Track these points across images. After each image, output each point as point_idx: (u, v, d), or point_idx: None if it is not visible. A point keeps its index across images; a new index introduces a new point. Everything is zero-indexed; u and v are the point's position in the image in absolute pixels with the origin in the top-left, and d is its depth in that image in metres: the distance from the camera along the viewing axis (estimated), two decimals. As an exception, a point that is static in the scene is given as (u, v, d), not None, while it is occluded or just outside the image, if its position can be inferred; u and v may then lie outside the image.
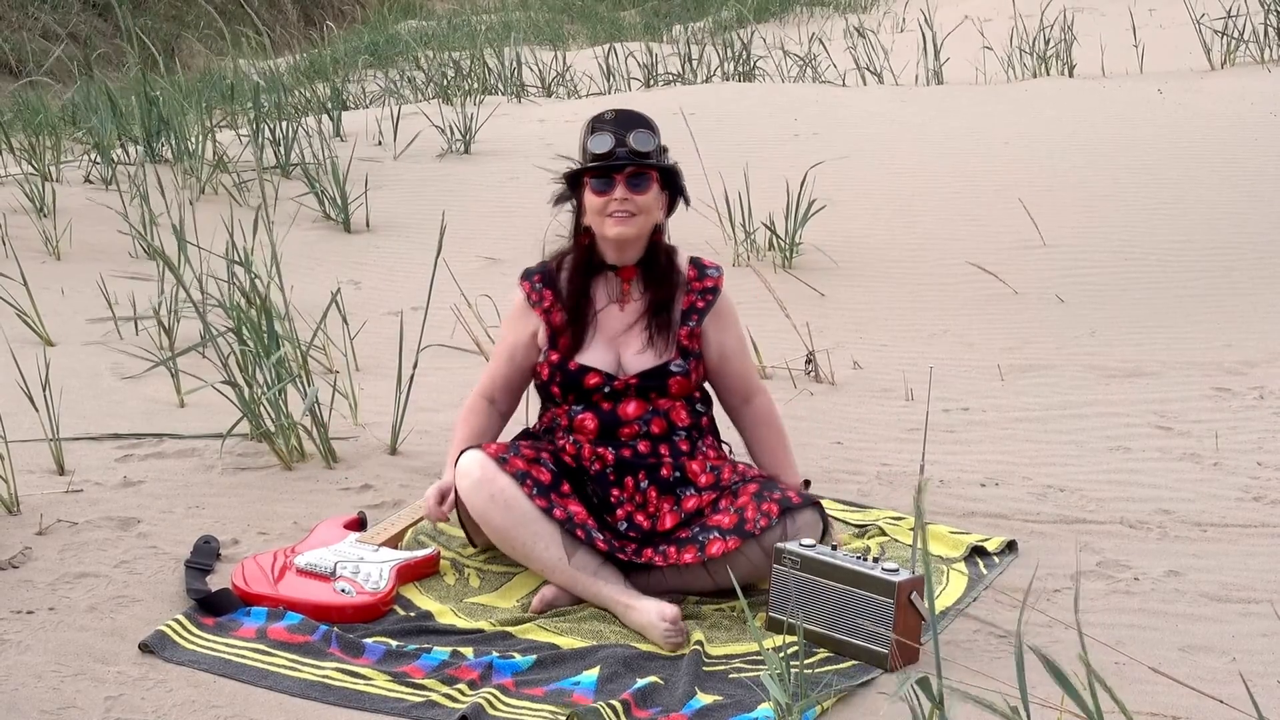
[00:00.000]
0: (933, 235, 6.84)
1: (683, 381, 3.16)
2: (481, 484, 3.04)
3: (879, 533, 3.43)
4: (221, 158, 7.64)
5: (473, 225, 7.24)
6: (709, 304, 3.24)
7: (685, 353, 3.18)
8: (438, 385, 4.62)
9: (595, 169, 3.13)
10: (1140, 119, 8.71)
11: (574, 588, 3.02)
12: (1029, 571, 3.25)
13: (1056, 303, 5.88)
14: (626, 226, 3.12)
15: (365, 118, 9.50)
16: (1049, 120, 8.83)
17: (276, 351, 3.99)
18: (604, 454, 3.13)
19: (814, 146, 8.38)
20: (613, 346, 3.18)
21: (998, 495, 3.75)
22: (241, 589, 3.04)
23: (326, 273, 6.35)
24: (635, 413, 3.14)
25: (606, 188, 3.13)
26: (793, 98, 9.88)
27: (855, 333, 5.54)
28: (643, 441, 3.14)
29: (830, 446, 4.16)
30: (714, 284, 3.25)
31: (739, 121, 9.13)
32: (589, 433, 3.14)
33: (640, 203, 3.13)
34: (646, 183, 3.14)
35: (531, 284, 3.27)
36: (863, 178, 7.79)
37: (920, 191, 7.52)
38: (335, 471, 3.84)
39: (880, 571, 2.80)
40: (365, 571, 3.09)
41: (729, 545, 2.95)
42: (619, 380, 3.15)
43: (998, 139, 8.43)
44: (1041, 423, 4.37)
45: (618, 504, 3.11)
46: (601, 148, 3.12)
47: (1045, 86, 10.02)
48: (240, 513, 3.54)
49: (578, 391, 3.16)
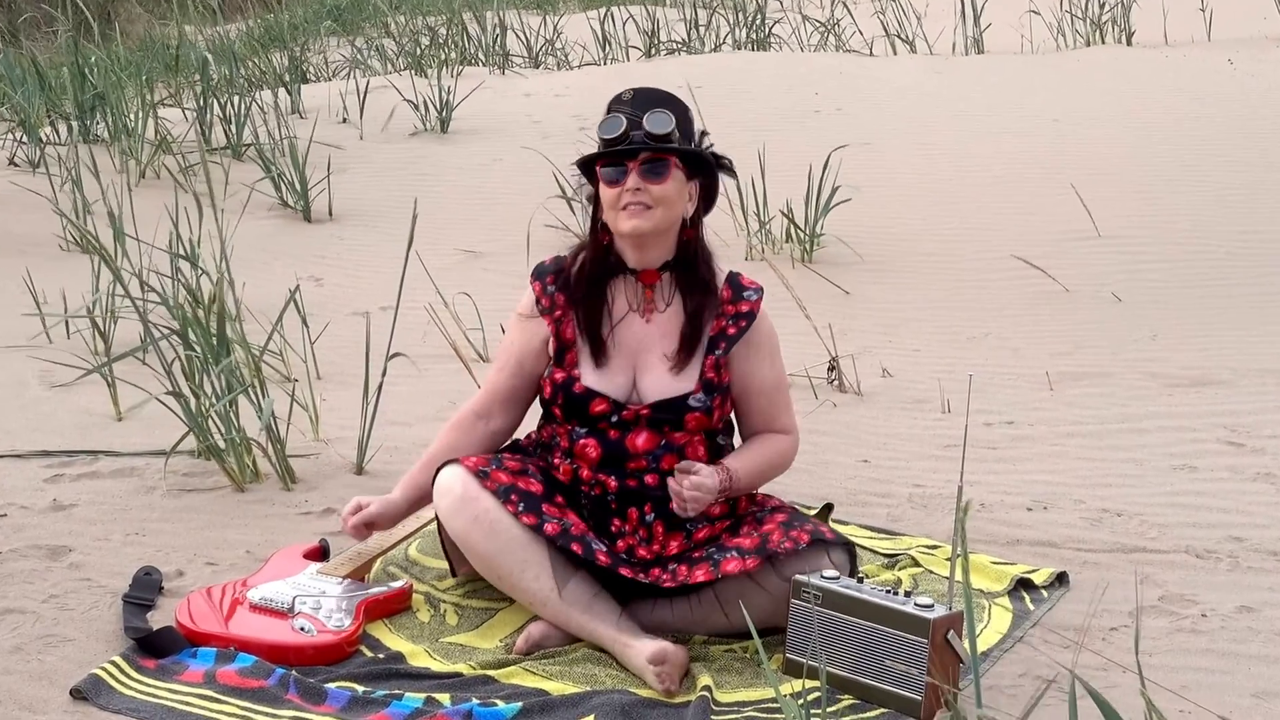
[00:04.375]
0: (972, 225, 6.84)
1: (701, 418, 3.12)
2: (463, 504, 3.02)
3: (911, 563, 3.44)
4: (164, 137, 7.64)
5: (450, 214, 7.24)
6: (740, 331, 3.16)
7: (709, 386, 3.13)
8: (409, 396, 4.62)
9: (606, 156, 3.11)
10: (1207, 93, 8.71)
11: (566, 624, 3.02)
12: (1082, 607, 3.25)
13: (1113, 302, 5.89)
14: (641, 220, 3.07)
15: (328, 92, 9.51)
16: (1104, 94, 8.84)
17: (227, 357, 3.99)
18: (606, 480, 3.12)
19: (837, 125, 8.39)
20: (628, 367, 3.14)
21: (1046, 520, 3.75)
22: (187, 627, 3.03)
23: (284, 268, 6.35)
24: (646, 446, 3.11)
25: (618, 177, 3.10)
26: (813, 69, 9.89)
27: (884, 336, 5.55)
28: (651, 475, 3.12)
29: (856, 465, 4.16)
30: (750, 308, 3.17)
31: (752, 96, 9.14)
32: (590, 460, 3.13)
33: (657, 193, 3.08)
34: (664, 170, 3.10)
35: (544, 285, 3.21)
36: (892, 160, 7.79)
37: (958, 176, 7.52)
38: (294, 493, 3.84)
39: (913, 607, 2.80)
40: (328, 607, 3.08)
41: (748, 565, 2.94)
42: (629, 410, 3.12)
43: (1046, 116, 8.44)
44: (1096, 438, 4.38)
45: (618, 535, 3.10)
46: (611, 132, 3.10)
47: (1100, 56, 10.03)
48: (186, 540, 3.54)
49: (581, 416, 3.14)
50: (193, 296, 4.41)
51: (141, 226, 5.63)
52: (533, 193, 7.00)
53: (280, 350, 4.81)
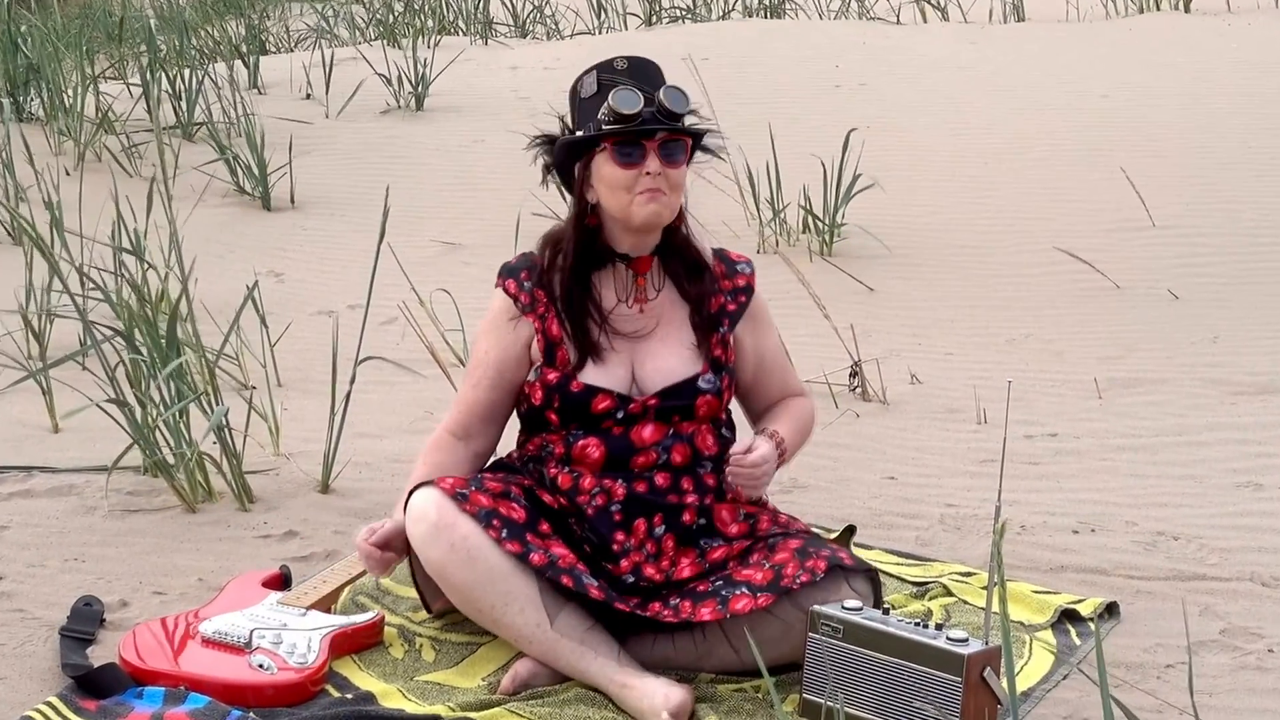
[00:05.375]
0: (1011, 214, 6.85)
1: (713, 402, 3.17)
2: (439, 531, 3.02)
3: (943, 592, 3.44)
4: (107, 115, 7.64)
5: (426, 202, 7.24)
6: (741, 306, 3.26)
7: (717, 365, 3.19)
8: (381, 405, 4.62)
9: (622, 134, 3.11)
10: (1274, 65, 8.71)
11: (556, 661, 3.01)
12: (1135, 642, 3.25)
13: (1169, 299, 5.89)
14: (660, 206, 3.12)
15: (289, 64, 9.51)
16: (1159, 68, 8.84)
17: (176, 361, 3.99)
18: (611, 487, 3.12)
19: (860, 101, 8.39)
20: (625, 360, 3.18)
21: (1094, 544, 3.75)
22: (132, 664, 3.03)
23: (241, 262, 6.35)
24: (653, 437, 3.14)
25: (636, 158, 3.11)
26: (833, 39, 9.90)
27: (913, 338, 5.55)
28: (660, 473, 3.13)
29: (881, 483, 4.16)
30: (746, 282, 3.29)
31: (764, 69, 9.14)
32: (593, 463, 3.14)
33: (674, 177, 3.13)
34: (682, 153, 3.14)
35: (518, 282, 3.24)
36: (922, 141, 7.80)
37: (995, 158, 7.52)
38: (251, 514, 3.84)
39: (945, 641, 2.80)
40: (290, 641, 3.08)
41: (759, 603, 2.94)
42: (635, 403, 3.14)
43: (1094, 91, 8.44)
44: (1150, 452, 4.38)
45: (622, 552, 3.10)
46: (629, 106, 3.10)
47: (1155, 24, 10.04)
48: (130, 567, 3.53)
49: (583, 418, 3.15)
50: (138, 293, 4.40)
51: (82, 216, 5.63)
52: (519, 177, 6.94)
53: (236, 354, 4.81)
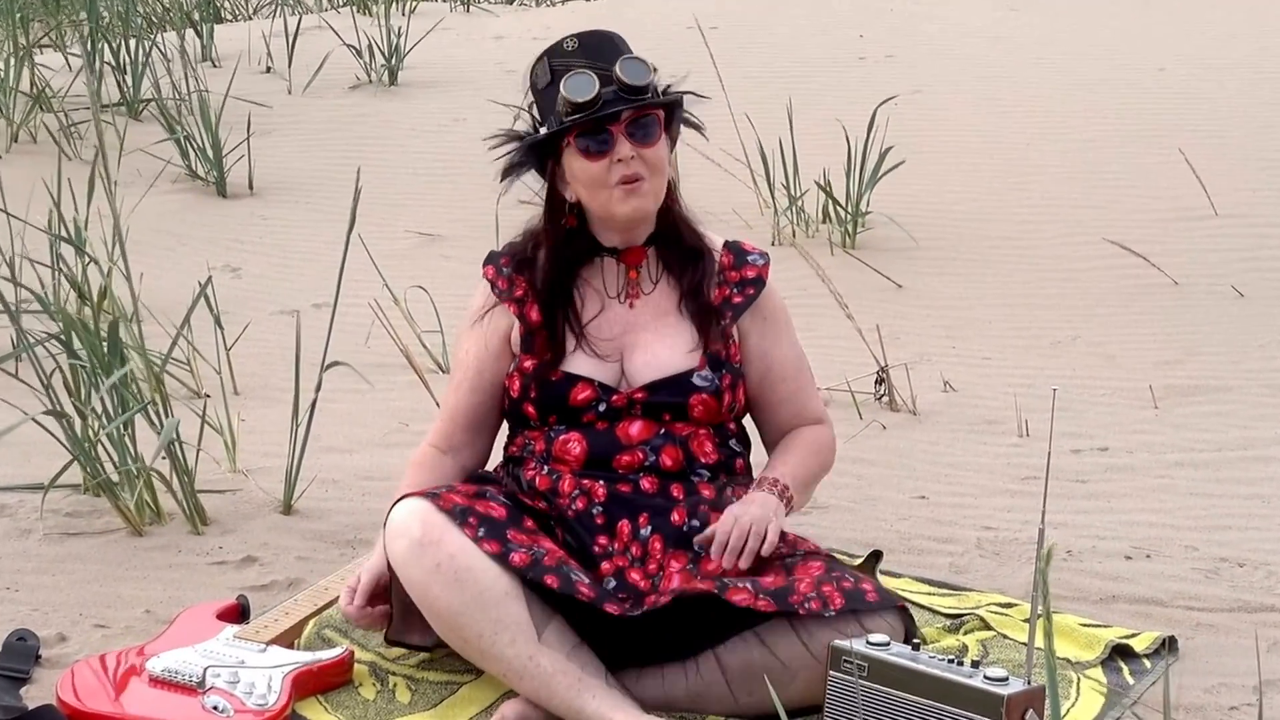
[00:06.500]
0: (1056, 202, 6.85)
1: (709, 401, 3.17)
2: (423, 549, 2.99)
3: (980, 626, 3.44)
4: (43, 91, 7.64)
5: (401, 187, 7.24)
6: (748, 299, 3.25)
7: (716, 361, 3.20)
8: (350, 415, 4.62)
9: (581, 123, 3.13)
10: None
11: (550, 699, 3.00)
12: (1195, 680, 3.25)
13: (1233, 297, 5.89)
14: (643, 198, 3.14)
15: (248, 34, 9.51)
16: (1220, 39, 8.85)
17: (121, 368, 4.00)
18: (591, 487, 3.13)
19: (887, 75, 8.40)
20: (614, 352, 3.20)
21: (1150, 571, 3.75)
22: (71, 705, 3.03)
23: (193, 255, 6.35)
24: (641, 435, 3.15)
25: (603, 147, 3.13)
26: (857, 5, 9.90)
27: (946, 340, 5.55)
28: (648, 477, 3.14)
29: (911, 502, 4.17)
30: (757, 274, 3.27)
31: (780, 40, 9.15)
32: (574, 459, 3.15)
33: (652, 158, 3.13)
34: (654, 129, 3.15)
35: (498, 268, 3.28)
36: (956, 120, 7.80)
37: (1037, 139, 7.53)
38: (205, 538, 3.84)
39: (982, 680, 2.80)
40: (248, 680, 3.09)
41: (758, 604, 2.94)
42: (619, 395, 3.16)
43: (1148, 65, 8.44)
44: (1212, 468, 4.38)
45: (604, 555, 3.10)
46: (583, 92, 3.12)
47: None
48: (69, 596, 3.54)
49: (561, 411, 3.17)
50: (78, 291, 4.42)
51: (13, 201, 5.62)
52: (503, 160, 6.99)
53: (188, 359, 4.82)
